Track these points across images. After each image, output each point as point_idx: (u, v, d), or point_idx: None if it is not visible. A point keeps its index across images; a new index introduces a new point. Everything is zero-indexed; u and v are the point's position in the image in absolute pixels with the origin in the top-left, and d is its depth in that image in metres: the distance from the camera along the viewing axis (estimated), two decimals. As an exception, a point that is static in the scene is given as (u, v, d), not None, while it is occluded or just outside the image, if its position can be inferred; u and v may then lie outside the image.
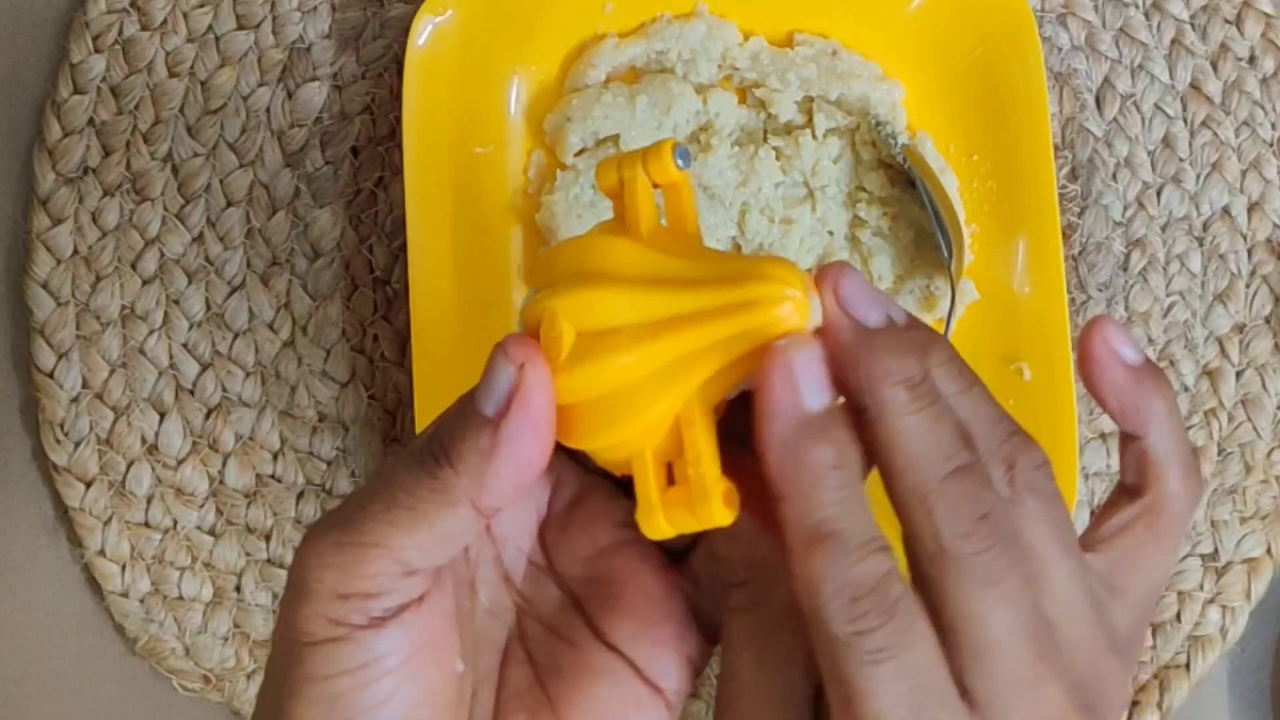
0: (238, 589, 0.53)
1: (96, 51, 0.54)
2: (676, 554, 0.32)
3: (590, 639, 0.31)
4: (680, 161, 0.29)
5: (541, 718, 0.30)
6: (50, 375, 0.53)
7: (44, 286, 0.53)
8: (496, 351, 0.27)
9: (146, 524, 0.53)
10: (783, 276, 0.27)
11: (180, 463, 0.53)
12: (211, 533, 0.53)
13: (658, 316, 0.27)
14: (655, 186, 0.30)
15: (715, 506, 0.27)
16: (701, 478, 0.27)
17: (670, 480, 0.28)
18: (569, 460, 0.32)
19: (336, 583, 0.27)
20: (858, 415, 0.27)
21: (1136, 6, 0.56)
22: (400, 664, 0.27)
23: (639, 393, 0.27)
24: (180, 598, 0.53)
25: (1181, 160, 0.55)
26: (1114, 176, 0.55)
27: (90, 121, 0.54)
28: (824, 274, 0.27)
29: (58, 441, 0.53)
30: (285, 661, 0.28)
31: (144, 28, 0.54)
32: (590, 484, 0.32)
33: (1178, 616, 0.54)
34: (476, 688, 0.31)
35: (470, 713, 0.30)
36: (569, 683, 0.30)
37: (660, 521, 0.28)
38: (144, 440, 0.53)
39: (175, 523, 0.53)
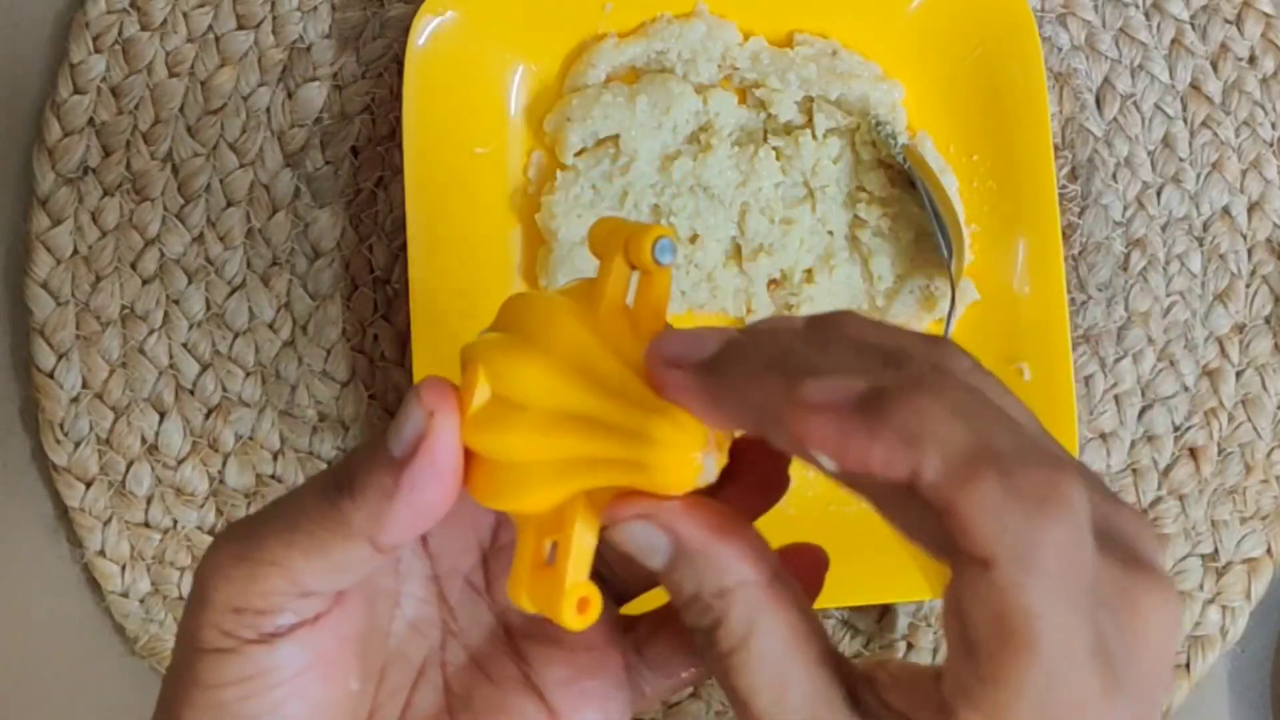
0: (238, 589, 0.53)
1: (96, 51, 0.54)
2: (626, 600, 0.32)
3: (512, 678, 0.31)
4: (659, 257, 0.28)
5: None
6: (50, 375, 0.53)
7: (44, 286, 0.53)
8: (411, 393, 0.27)
9: (146, 524, 0.53)
10: (686, 436, 0.26)
11: (180, 463, 0.53)
12: (211, 533, 0.53)
13: (568, 411, 0.27)
14: (632, 268, 0.29)
15: (566, 610, 0.26)
16: (561, 578, 0.27)
17: (553, 557, 0.27)
18: None
19: (232, 595, 0.27)
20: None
21: (1136, 6, 0.56)
22: (288, 679, 0.27)
23: (529, 476, 0.27)
24: (180, 598, 0.53)
25: (1181, 160, 0.55)
26: (1114, 176, 0.55)
27: (90, 121, 0.54)
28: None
29: (58, 441, 0.53)
30: (180, 664, 0.28)
31: (144, 28, 0.54)
32: None
33: (1178, 616, 0.54)
34: (380, 705, 0.30)
35: None
36: (477, 717, 0.30)
37: (523, 596, 0.27)
38: (144, 440, 0.53)
39: (175, 523, 0.53)
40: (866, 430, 0.24)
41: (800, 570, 0.28)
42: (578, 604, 0.27)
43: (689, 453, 0.26)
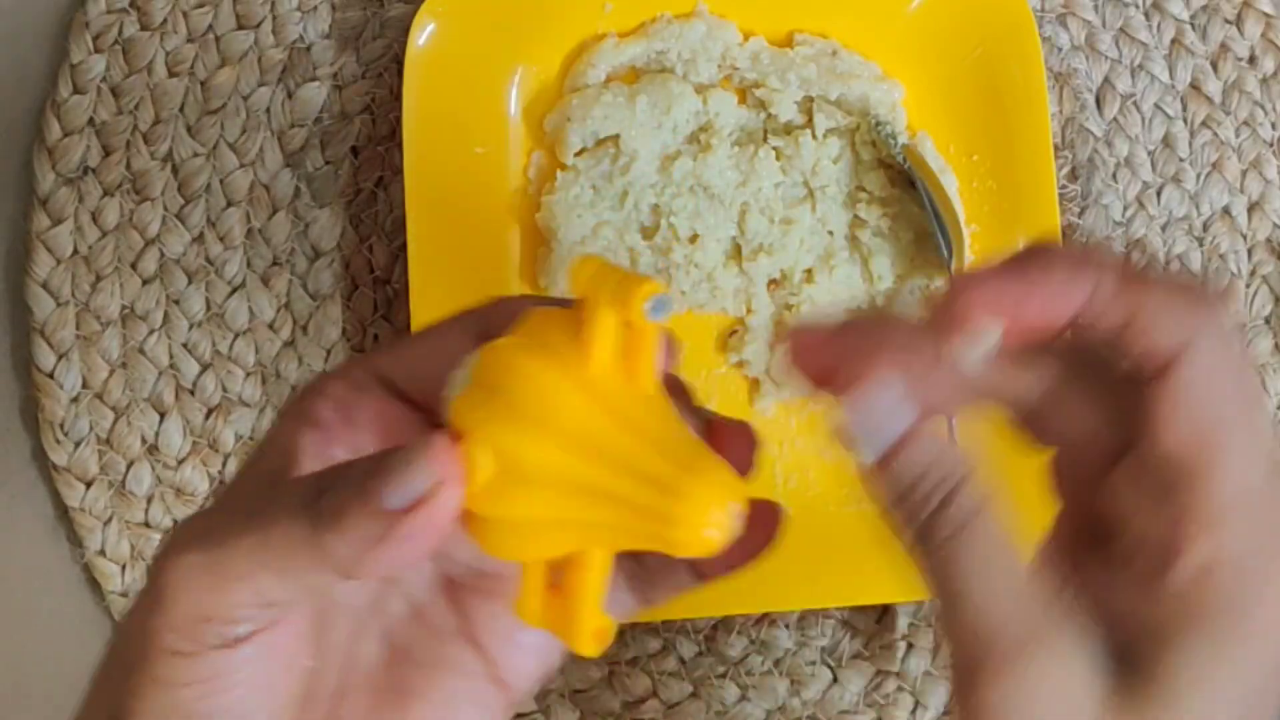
0: (238, 589, 0.53)
1: (96, 51, 0.54)
2: None
3: (450, 629, 0.31)
4: (651, 313, 0.25)
5: (384, 699, 0.30)
6: (50, 375, 0.53)
7: (44, 286, 0.53)
8: (421, 451, 0.26)
9: (146, 524, 0.53)
10: (699, 512, 0.25)
11: (180, 463, 0.53)
12: (211, 533, 0.53)
13: (575, 484, 0.26)
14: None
15: (583, 641, 0.27)
16: (578, 613, 0.27)
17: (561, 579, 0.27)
18: None
19: (196, 604, 0.26)
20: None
21: (1136, 6, 0.56)
22: (248, 679, 0.27)
23: (534, 535, 0.27)
24: (180, 598, 0.53)
25: (1181, 160, 0.55)
26: (1114, 176, 0.55)
27: (90, 121, 0.54)
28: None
29: (58, 441, 0.53)
30: (134, 655, 0.27)
31: (144, 28, 0.54)
32: None
33: (1178, 616, 0.54)
34: (322, 658, 0.30)
35: (313, 689, 0.30)
36: (417, 668, 0.30)
37: (534, 618, 0.27)
38: (144, 440, 0.53)
39: (175, 523, 0.53)
40: (1040, 267, 0.27)
41: (753, 520, 0.27)
42: (593, 635, 0.27)
43: (703, 530, 0.25)
